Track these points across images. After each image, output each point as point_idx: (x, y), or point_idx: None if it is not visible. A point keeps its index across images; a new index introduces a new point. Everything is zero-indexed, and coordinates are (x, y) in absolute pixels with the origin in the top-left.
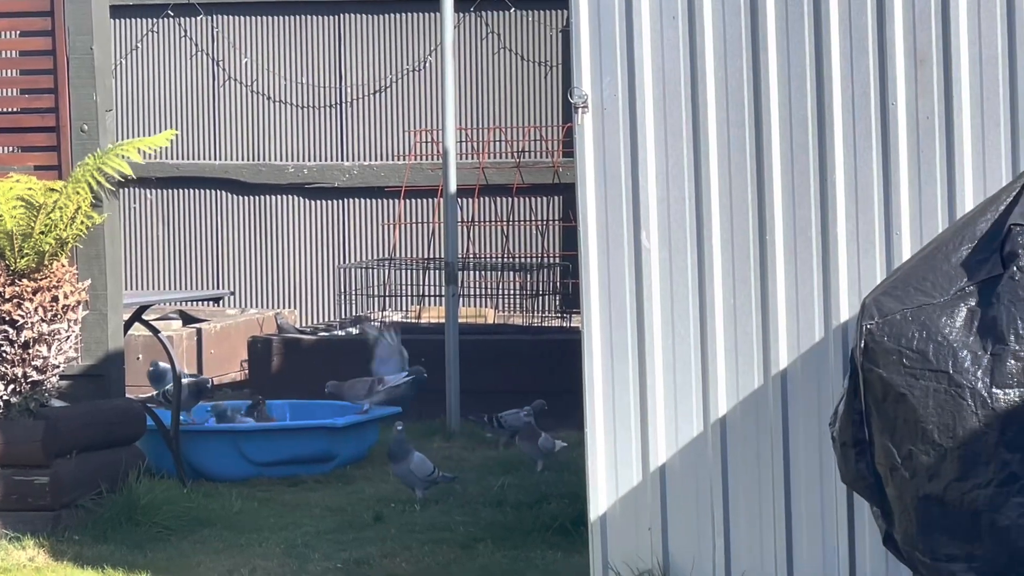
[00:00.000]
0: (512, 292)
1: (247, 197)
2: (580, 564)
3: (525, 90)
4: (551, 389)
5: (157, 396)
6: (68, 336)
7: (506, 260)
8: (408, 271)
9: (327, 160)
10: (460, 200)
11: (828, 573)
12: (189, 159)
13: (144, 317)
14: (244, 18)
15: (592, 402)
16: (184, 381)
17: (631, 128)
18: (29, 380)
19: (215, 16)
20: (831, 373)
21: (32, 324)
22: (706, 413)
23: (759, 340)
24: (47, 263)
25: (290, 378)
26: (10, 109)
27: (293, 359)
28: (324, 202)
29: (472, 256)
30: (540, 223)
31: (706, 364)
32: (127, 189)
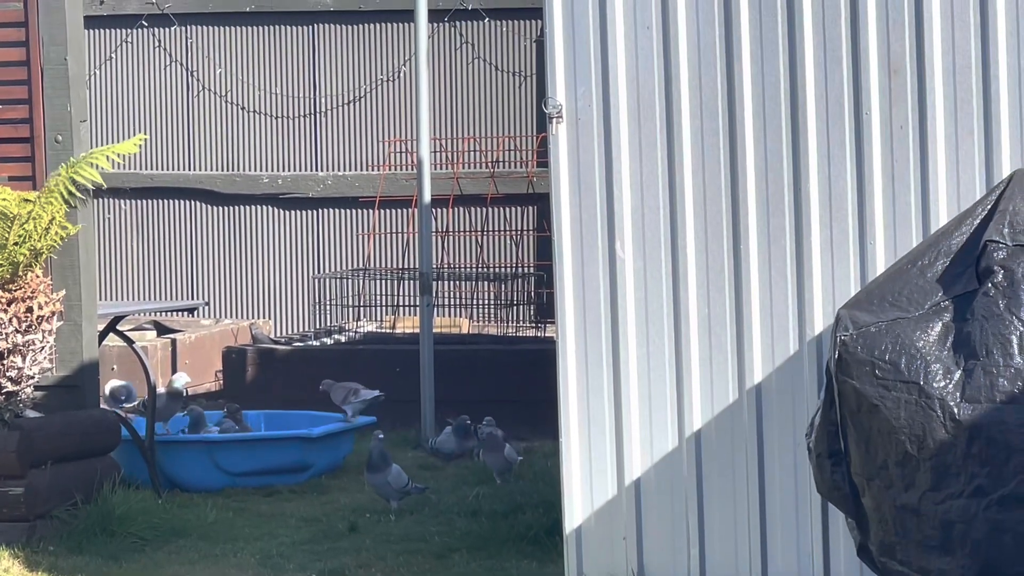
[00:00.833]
0: (487, 302)
1: (221, 207)
2: (555, 574)
3: (499, 100)
4: (525, 398)
5: (138, 406)
6: (43, 347)
7: (480, 270)
8: (382, 281)
9: (301, 170)
10: (434, 210)
11: None
12: (163, 169)
13: (119, 327)
14: (218, 28)
15: (567, 412)
16: (160, 391)
17: (605, 138)
18: (3, 391)
19: (189, 26)
20: (805, 384)
21: (6, 335)
22: (680, 423)
23: (733, 350)
24: (21, 274)
25: (265, 388)
26: None
27: (268, 369)
28: (298, 212)
29: (447, 266)
30: (514, 233)
31: (680, 374)
32: (101, 200)
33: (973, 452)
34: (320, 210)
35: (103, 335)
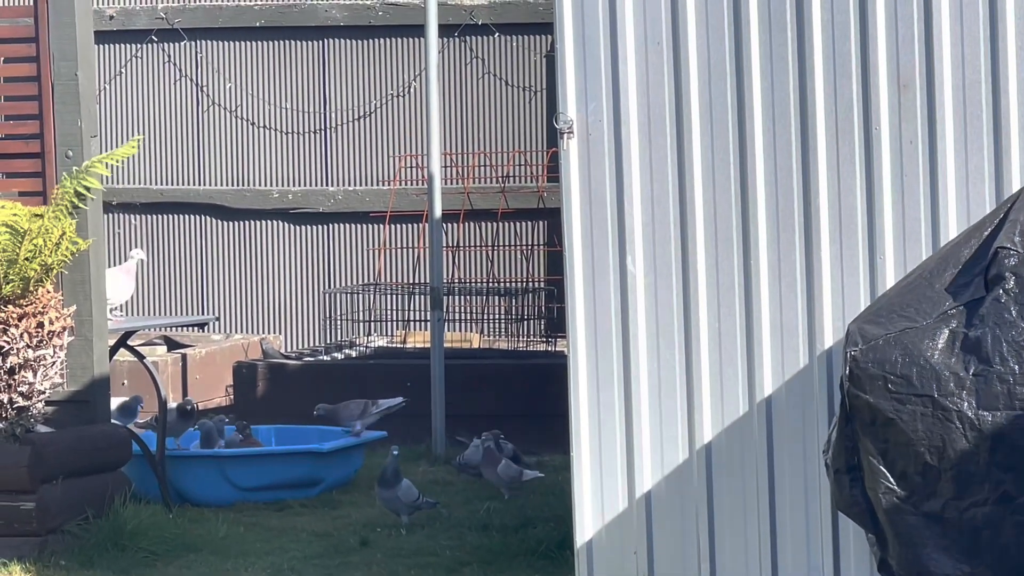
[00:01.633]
0: (497, 317)
1: (231, 222)
2: None
3: (510, 115)
4: (536, 413)
5: (150, 421)
6: (54, 362)
7: (491, 285)
8: (393, 296)
9: (311, 185)
10: (445, 225)
11: None
12: (173, 184)
13: (129, 343)
14: (228, 43)
15: (578, 427)
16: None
17: (616, 153)
18: (15, 406)
19: (199, 41)
20: (815, 398)
21: (17, 350)
22: (691, 438)
23: (744, 365)
24: (32, 289)
25: (275, 403)
26: None
27: (278, 384)
28: (309, 227)
29: (457, 281)
30: (525, 248)
31: (691, 389)
32: (111, 214)
33: (997, 459)
34: (331, 225)
35: (114, 350)
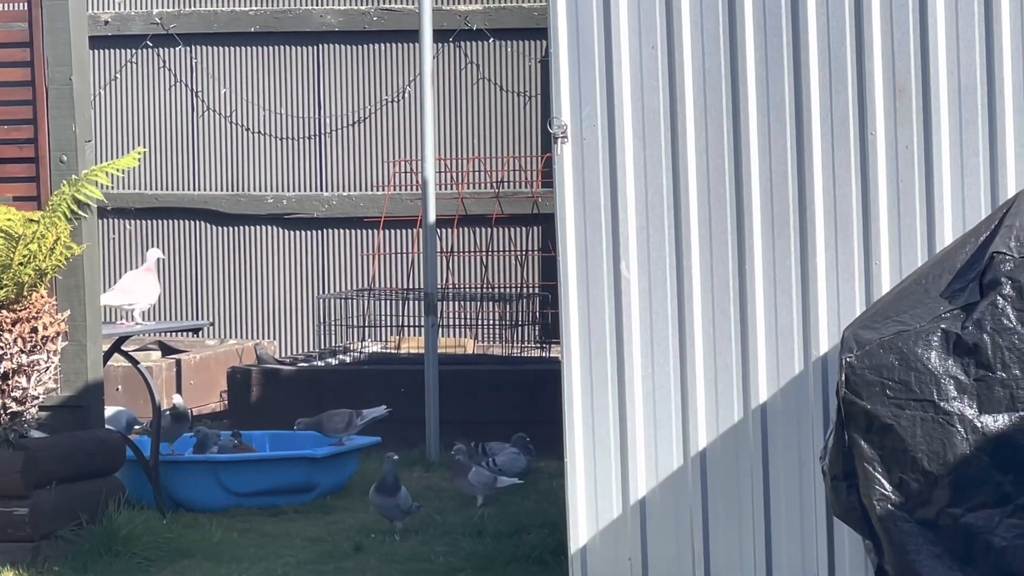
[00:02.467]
0: (491, 322)
1: (226, 228)
2: None
3: (504, 120)
4: (531, 419)
5: (145, 427)
6: (47, 367)
7: (485, 290)
8: (387, 301)
9: (306, 191)
10: (439, 230)
11: None
12: (168, 190)
13: (123, 348)
14: (223, 49)
15: (572, 432)
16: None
17: (610, 158)
18: (8, 411)
19: (194, 47)
20: (811, 404)
21: (11, 355)
22: (686, 444)
23: (739, 371)
24: (26, 294)
25: (270, 409)
26: None
27: (273, 390)
28: (303, 232)
29: (451, 286)
30: (519, 253)
31: (686, 394)
32: (106, 220)
33: (998, 463)
34: (325, 230)
35: (108, 355)
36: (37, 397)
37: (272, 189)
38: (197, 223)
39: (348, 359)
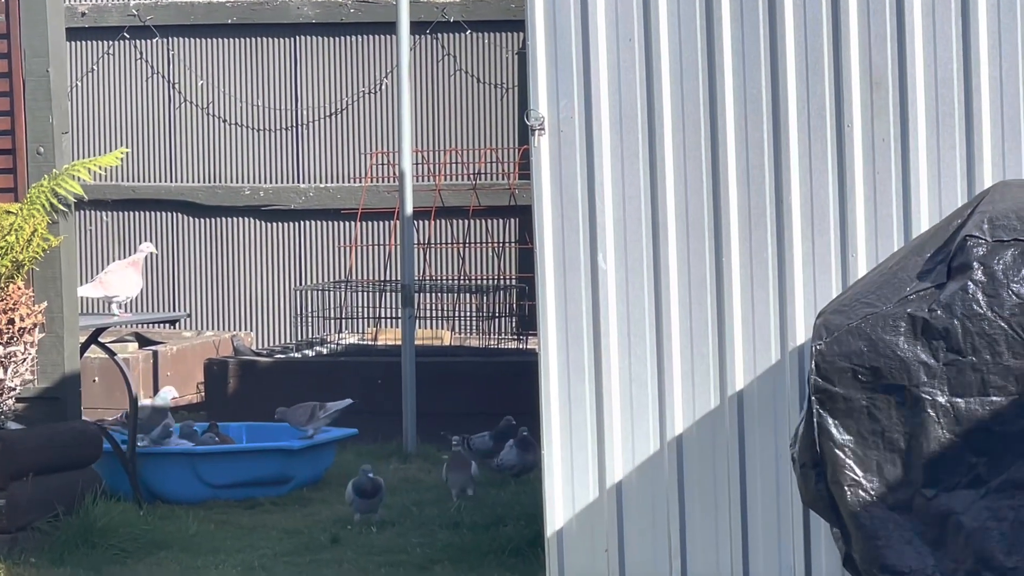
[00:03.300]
0: (468, 314)
1: (203, 219)
2: None
3: (481, 112)
4: (507, 411)
5: (120, 418)
6: (24, 358)
7: (462, 282)
8: (364, 293)
9: (283, 182)
10: (416, 222)
11: None
12: (145, 181)
13: (100, 339)
14: (200, 40)
15: (549, 422)
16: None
17: (587, 150)
18: None
19: (171, 38)
20: (787, 394)
21: None
22: (663, 433)
23: (715, 361)
24: (3, 285)
25: (247, 400)
26: None
27: (250, 381)
28: (280, 224)
29: (428, 278)
30: (496, 245)
31: (663, 384)
32: (83, 211)
33: (970, 445)
34: (302, 222)
35: (85, 347)
36: (14, 388)
37: (249, 181)
38: (174, 215)
39: (325, 351)
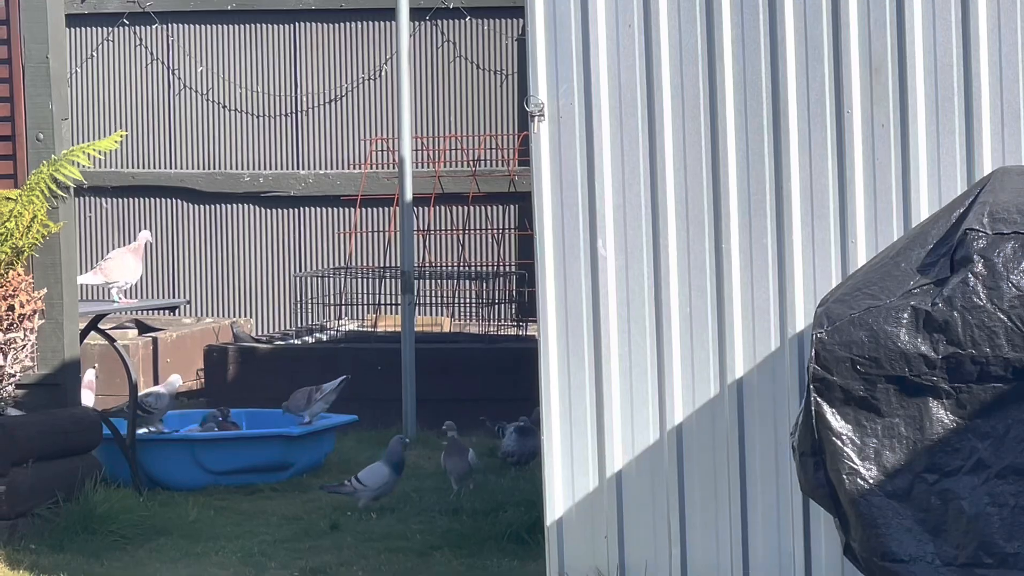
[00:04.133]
0: (468, 301)
1: (202, 206)
2: (536, 571)
3: (481, 99)
4: (507, 397)
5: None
6: (24, 345)
7: (462, 269)
8: (364, 280)
9: (283, 169)
10: (416, 209)
11: None
12: (144, 168)
13: (100, 326)
14: (199, 27)
15: (548, 409)
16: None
17: (587, 136)
18: None
19: (170, 25)
20: (786, 381)
21: None
22: (662, 420)
23: (715, 348)
24: (3, 272)
25: (246, 387)
26: None
27: (249, 368)
28: (280, 211)
29: (428, 265)
30: (496, 231)
31: (662, 371)
32: (83, 198)
33: (970, 437)
34: (301, 209)
35: (84, 333)
36: (14, 375)
37: (249, 167)
38: (173, 201)
39: (325, 337)
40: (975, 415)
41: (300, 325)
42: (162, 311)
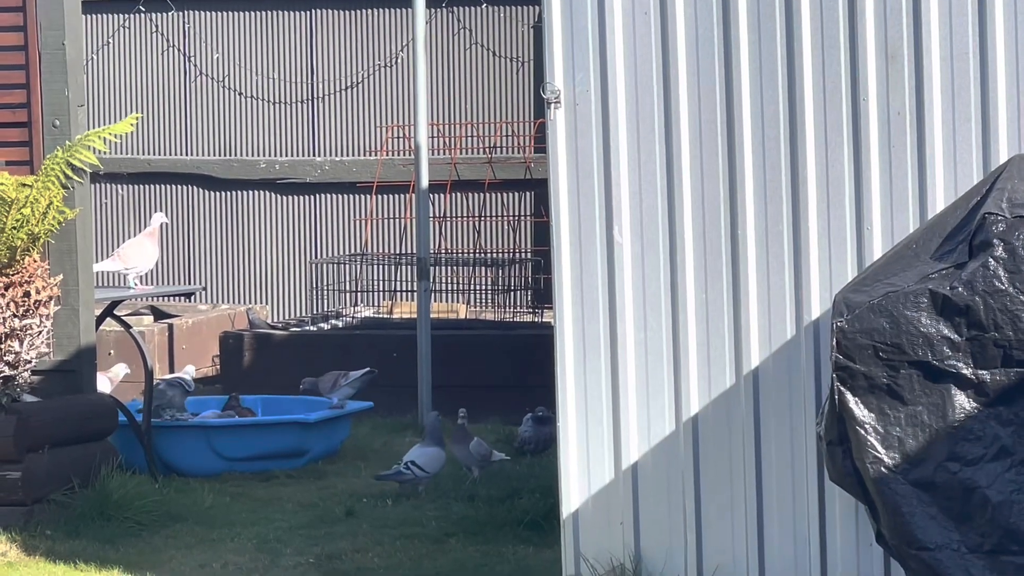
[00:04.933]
0: (484, 287)
1: (218, 192)
2: (552, 559)
3: (497, 86)
4: (523, 384)
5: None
6: (40, 331)
7: (478, 255)
8: (380, 266)
9: (299, 155)
10: (432, 196)
11: (799, 567)
12: (160, 154)
13: (116, 312)
14: (216, 13)
15: (564, 397)
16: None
17: (603, 123)
18: (1, 375)
19: (187, 11)
20: (802, 369)
21: (4, 319)
22: (678, 408)
23: (731, 336)
24: (19, 258)
25: (262, 373)
26: None
27: (264, 354)
28: (296, 197)
29: (444, 252)
30: (512, 218)
31: (678, 359)
32: (98, 184)
33: (996, 414)
34: (317, 195)
35: (100, 320)
36: (30, 361)
37: (265, 154)
38: (190, 188)
39: (340, 324)
40: (997, 401)
41: (316, 312)
42: (178, 297)
